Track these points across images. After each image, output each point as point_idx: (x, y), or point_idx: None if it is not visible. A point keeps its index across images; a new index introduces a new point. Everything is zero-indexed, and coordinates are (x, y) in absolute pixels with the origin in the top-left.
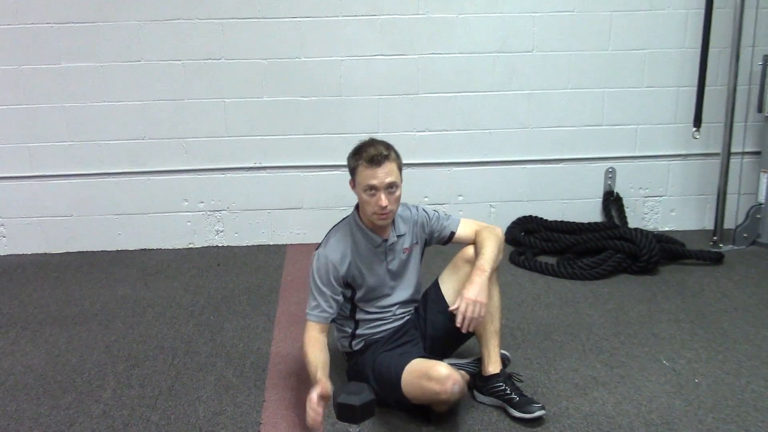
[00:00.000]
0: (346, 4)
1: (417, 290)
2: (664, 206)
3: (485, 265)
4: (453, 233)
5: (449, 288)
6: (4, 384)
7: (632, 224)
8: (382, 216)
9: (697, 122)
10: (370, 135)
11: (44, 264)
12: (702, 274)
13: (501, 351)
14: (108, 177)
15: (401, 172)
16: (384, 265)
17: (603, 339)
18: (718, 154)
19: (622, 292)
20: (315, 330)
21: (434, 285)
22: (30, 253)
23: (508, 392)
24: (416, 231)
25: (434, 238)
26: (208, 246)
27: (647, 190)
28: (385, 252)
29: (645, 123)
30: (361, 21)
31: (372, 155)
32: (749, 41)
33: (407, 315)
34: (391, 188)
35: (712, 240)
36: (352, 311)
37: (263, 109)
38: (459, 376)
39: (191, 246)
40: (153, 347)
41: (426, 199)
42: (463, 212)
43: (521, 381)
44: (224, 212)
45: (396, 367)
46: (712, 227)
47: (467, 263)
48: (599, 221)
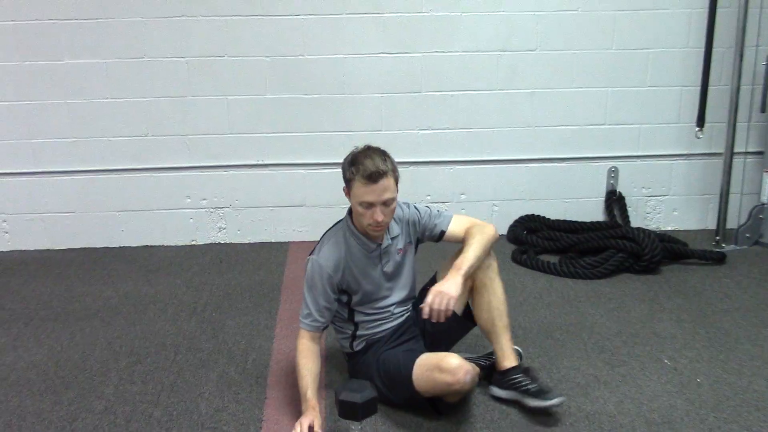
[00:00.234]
0: (350, 2)
1: (413, 288)
2: (667, 206)
3: (462, 264)
4: (443, 232)
5: None
6: (7, 380)
7: (635, 224)
8: (377, 228)
9: (701, 122)
10: (373, 133)
11: (47, 260)
12: (704, 274)
13: (514, 347)
14: (111, 174)
15: (398, 184)
16: (379, 269)
17: (605, 338)
18: (721, 154)
19: (624, 292)
20: (307, 338)
21: (432, 281)
22: (33, 249)
23: (526, 383)
24: (408, 230)
25: (426, 236)
26: (211, 243)
27: (650, 190)
28: (380, 256)
29: (648, 122)
30: (365, 19)
31: (370, 172)
32: (753, 41)
33: (406, 312)
34: (387, 203)
35: (715, 240)
36: (350, 314)
37: (266, 107)
38: (470, 366)
39: (194, 243)
40: (155, 344)
41: (428, 198)
42: (466, 210)
43: (538, 376)
44: (227, 209)
45: (404, 364)
46: (715, 227)
47: None
48: (602, 220)
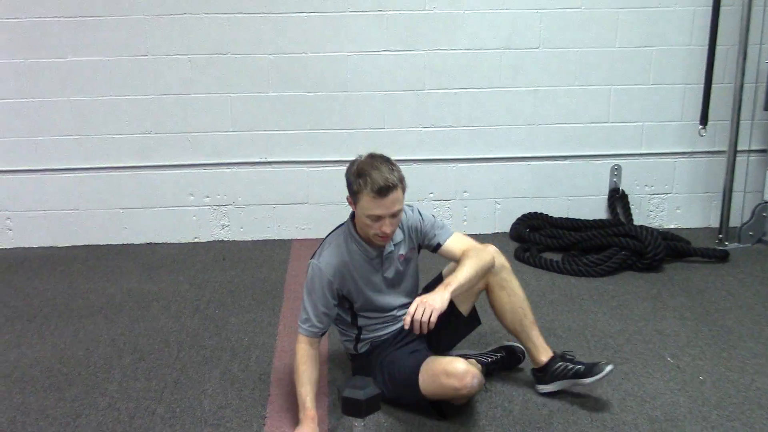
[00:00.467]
0: (353, 0)
1: (416, 291)
2: (670, 204)
3: (452, 281)
4: (440, 245)
5: None
6: (11, 376)
7: (637, 221)
8: (383, 239)
9: (704, 120)
10: (376, 130)
11: (50, 257)
12: (707, 272)
13: (515, 344)
14: (114, 171)
15: (405, 193)
16: (379, 275)
17: (607, 336)
18: (725, 152)
19: (627, 290)
20: (306, 343)
21: (436, 279)
22: (36, 247)
23: (571, 368)
24: (411, 235)
25: (423, 244)
26: (214, 240)
27: (653, 188)
28: (381, 262)
29: (651, 120)
30: (368, 16)
31: (380, 186)
32: (756, 39)
33: None
34: (396, 215)
35: (718, 238)
36: (354, 319)
37: (269, 104)
38: (477, 370)
39: (197, 240)
40: (158, 341)
41: (431, 195)
42: (468, 208)
43: (575, 355)
44: (230, 207)
45: (410, 368)
46: (718, 225)
47: None
48: (604, 218)
